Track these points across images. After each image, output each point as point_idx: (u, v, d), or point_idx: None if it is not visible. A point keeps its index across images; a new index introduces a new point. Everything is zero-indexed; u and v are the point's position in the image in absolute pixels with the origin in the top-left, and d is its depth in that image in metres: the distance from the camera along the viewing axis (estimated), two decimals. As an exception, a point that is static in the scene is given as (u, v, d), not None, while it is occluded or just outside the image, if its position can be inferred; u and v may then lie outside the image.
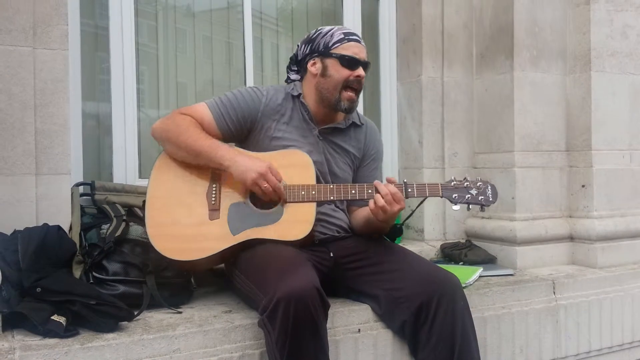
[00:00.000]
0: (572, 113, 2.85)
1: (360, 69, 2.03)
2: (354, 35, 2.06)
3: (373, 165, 2.22)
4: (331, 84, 2.02)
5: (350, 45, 2.03)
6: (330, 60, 2.02)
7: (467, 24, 2.98)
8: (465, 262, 2.65)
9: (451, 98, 2.96)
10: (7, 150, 2.02)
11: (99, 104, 2.57)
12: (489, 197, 1.97)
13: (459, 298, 1.86)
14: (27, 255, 1.78)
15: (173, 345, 1.68)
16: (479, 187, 1.97)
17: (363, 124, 2.20)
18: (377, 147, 2.23)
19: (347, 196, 1.95)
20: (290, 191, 1.93)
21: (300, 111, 2.09)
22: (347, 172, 2.15)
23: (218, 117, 2.01)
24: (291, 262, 1.74)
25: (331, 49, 2.02)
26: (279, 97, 2.08)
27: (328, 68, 2.03)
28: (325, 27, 2.08)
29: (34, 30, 2.05)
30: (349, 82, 2.02)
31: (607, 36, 2.81)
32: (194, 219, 1.93)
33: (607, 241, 2.75)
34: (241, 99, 2.04)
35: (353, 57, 2.01)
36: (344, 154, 2.14)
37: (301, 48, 2.11)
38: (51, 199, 2.08)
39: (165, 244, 1.89)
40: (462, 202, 1.95)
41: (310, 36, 2.09)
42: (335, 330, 1.89)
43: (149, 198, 1.96)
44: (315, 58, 2.06)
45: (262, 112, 2.04)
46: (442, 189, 1.96)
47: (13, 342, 1.58)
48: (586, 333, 2.49)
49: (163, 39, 2.76)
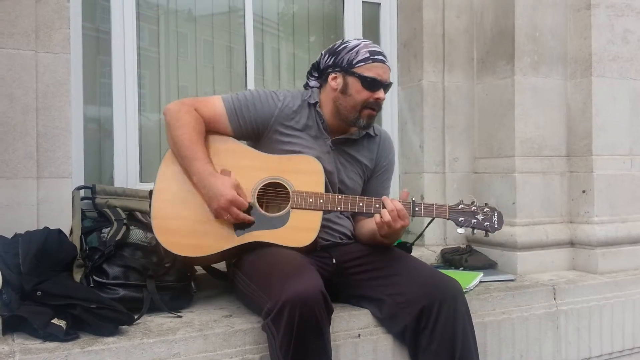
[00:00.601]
0: (572, 118, 2.85)
1: (381, 92, 1.99)
2: (379, 55, 2.00)
3: (384, 176, 2.20)
4: (350, 103, 2.01)
5: (374, 66, 1.98)
6: (351, 78, 1.99)
7: (467, 29, 2.98)
8: (465, 268, 2.65)
9: (452, 103, 2.96)
10: (9, 153, 2.02)
11: (100, 108, 2.58)
12: (495, 224, 1.96)
13: (460, 303, 1.85)
14: (28, 259, 1.78)
15: (173, 350, 1.68)
16: (485, 213, 1.95)
17: (377, 135, 2.18)
18: (389, 159, 2.21)
19: (354, 208, 1.94)
20: (298, 197, 1.92)
21: (316, 119, 2.07)
22: (357, 183, 2.14)
23: (231, 113, 2.00)
24: (296, 266, 1.74)
25: (354, 67, 1.98)
26: (295, 104, 2.07)
27: (349, 86, 2.00)
28: (351, 41, 2.03)
29: (36, 34, 2.06)
30: (368, 104, 2.00)
31: (608, 41, 2.82)
32: (199, 215, 1.92)
33: (608, 247, 2.75)
34: (257, 101, 2.02)
35: (375, 78, 1.98)
36: (356, 164, 2.13)
37: (324, 58, 2.07)
38: (52, 202, 2.09)
39: (167, 237, 1.89)
40: (467, 226, 1.93)
41: (335, 48, 2.04)
42: (335, 335, 1.88)
43: (156, 190, 1.95)
44: (337, 72, 2.02)
45: (275, 116, 2.03)
46: (450, 211, 1.94)
47: (13, 346, 1.58)
48: (586, 339, 2.49)
49: (164, 43, 2.77)
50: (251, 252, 1.91)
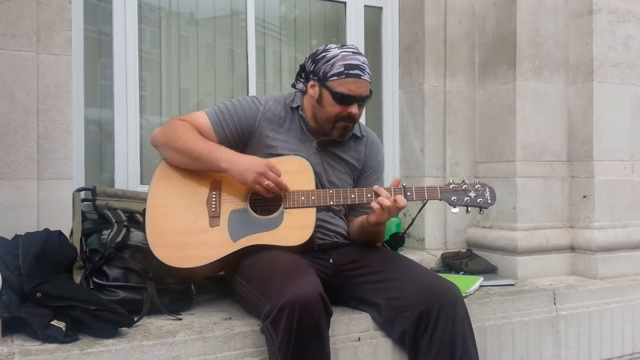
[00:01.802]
0: (573, 123, 2.85)
1: (354, 107, 1.98)
2: (354, 69, 1.95)
3: (373, 177, 2.21)
4: (324, 115, 2.02)
5: (347, 82, 1.95)
6: (325, 91, 1.98)
7: (469, 34, 2.99)
8: (465, 272, 2.65)
9: (453, 107, 2.96)
10: (10, 154, 2.02)
11: (101, 110, 2.58)
12: (488, 199, 1.98)
13: (459, 308, 1.85)
14: (28, 260, 1.78)
15: (173, 352, 1.68)
16: (477, 190, 1.97)
17: (364, 136, 2.19)
18: (377, 159, 2.22)
19: (346, 201, 1.95)
20: (289, 197, 1.93)
21: (299, 123, 2.09)
22: (346, 182, 2.14)
23: (216, 125, 2.02)
24: (295, 268, 1.74)
25: (328, 80, 1.97)
26: (277, 108, 2.09)
27: (323, 98, 2.00)
28: (331, 50, 2.00)
29: (37, 36, 2.06)
30: (341, 117, 2.00)
31: (610, 47, 2.82)
32: (195, 226, 1.93)
33: (608, 252, 2.75)
34: (239, 108, 2.04)
35: (347, 94, 1.96)
36: (343, 164, 2.14)
37: (308, 62, 2.08)
38: (52, 204, 2.09)
39: (166, 252, 1.89)
40: (460, 205, 1.96)
41: (316, 55, 2.03)
42: (335, 339, 1.88)
43: (149, 207, 1.96)
44: (315, 81, 2.02)
45: (259, 121, 2.05)
46: (441, 191, 1.96)
47: (12, 347, 1.57)
48: (586, 344, 2.49)
49: (166, 45, 2.77)
50: (249, 256, 1.91)
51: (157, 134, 2.04)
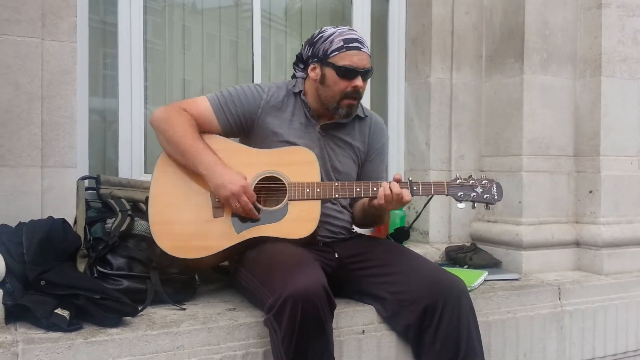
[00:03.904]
0: (581, 118, 2.83)
1: (358, 79, 1.96)
2: (354, 42, 1.96)
3: (379, 159, 2.19)
4: (329, 94, 2.00)
5: (348, 54, 1.95)
6: (328, 69, 1.97)
7: (477, 26, 2.96)
8: (470, 266, 2.64)
9: (459, 100, 2.94)
10: (13, 141, 2.01)
11: (105, 100, 2.56)
12: (494, 195, 1.96)
13: (464, 302, 1.84)
14: (32, 248, 1.76)
15: (177, 342, 1.67)
16: (484, 185, 1.96)
17: (367, 116, 2.17)
18: (382, 141, 2.20)
19: (352, 194, 1.94)
20: (294, 189, 1.92)
21: (302, 108, 2.08)
22: (350, 167, 2.12)
23: (218, 110, 2.00)
24: (299, 261, 1.73)
25: (329, 57, 1.96)
26: (280, 94, 2.07)
27: (326, 77, 1.98)
28: (327, 30, 2.01)
29: (42, 22, 2.04)
30: (346, 94, 1.98)
31: (618, 41, 2.79)
32: (198, 217, 1.91)
33: (614, 248, 2.73)
34: (242, 95, 2.02)
35: (351, 67, 1.94)
36: (348, 148, 2.12)
37: (305, 49, 2.08)
38: (56, 191, 2.07)
39: (169, 242, 1.88)
40: (467, 201, 1.95)
41: (313, 38, 2.04)
42: (339, 331, 1.87)
43: (151, 196, 1.94)
44: (315, 63, 2.01)
45: (262, 108, 2.03)
46: (448, 187, 1.95)
47: (16, 335, 1.56)
48: (591, 340, 2.48)
49: (169, 36, 2.75)
50: (253, 248, 1.90)
51: (157, 117, 2.00)
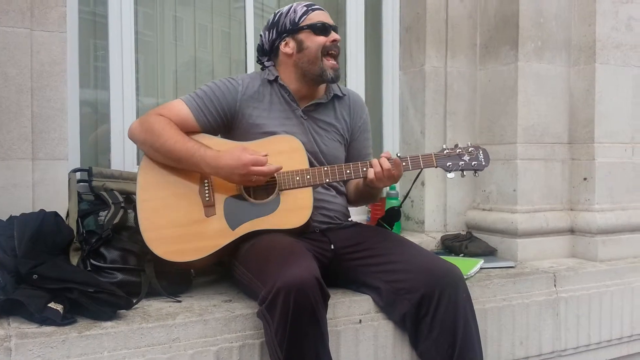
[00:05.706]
0: (575, 105, 2.83)
1: (334, 33, 2.05)
2: (313, 6, 2.08)
3: (363, 136, 2.21)
4: (311, 56, 2.02)
5: (316, 14, 2.05)
6: (302, 34, 2.03)
7: (471, 14, 2.94)
8: (465, 254, 2.64)
9: (454, 88, 2.92)
10: (3, 133, 1.98)
11: (96, 91, 2.53)
12: (482, 161, 2.00)
13: (461, 290, 1.84)
14: (24, 242, 1.75)
15: (172, 334, 1.66)
16: (471, 153, 1.99)
17: (345, 95, 2.18)
18: (363, 117, 2.22)
19: (342, 177, 1.93)
20: (284, 178, 1.90)
21: (280, 94, 2.07)
22: (337, 149, 2.12)
23: (196, 111, 1.98)
24: (291, 252, 1.72)
25: (299, 23, 2.03)
26: (255, 84, 2.06)
27: (303, 42, 2.03)
28: (283, 8, 2.08)
29: (31, 12, 2.01)
30: (327, 48, 2.02)
31: (612, 28, 2.78)
32: (190, 217, 1.89)
33: (608, 234, 2.74)
34: (217, 91, 2.00)
35: (324, 23, 2.03)
36: (332, 129, 2.12)
37: (266, 35, 2.10)
38: (48, 184, 2.05)
39: (164, 248, 1.85)
40: (456, 170, 1.97)
41: (272, 20, 2.08)
42: (336, 321, 1.87)
43: (139, 202, 1.90)
44: (285, 38, 2.05)
45: (240, 101, 2.01)
46: (436, 158, 1.97)
47: (9, 330, 1.55)
48: (586, 326, 2.49)
49: (160, 27, 2.71)
50: (247, 241, 1.89)
51: (135, 130, 1.97)
